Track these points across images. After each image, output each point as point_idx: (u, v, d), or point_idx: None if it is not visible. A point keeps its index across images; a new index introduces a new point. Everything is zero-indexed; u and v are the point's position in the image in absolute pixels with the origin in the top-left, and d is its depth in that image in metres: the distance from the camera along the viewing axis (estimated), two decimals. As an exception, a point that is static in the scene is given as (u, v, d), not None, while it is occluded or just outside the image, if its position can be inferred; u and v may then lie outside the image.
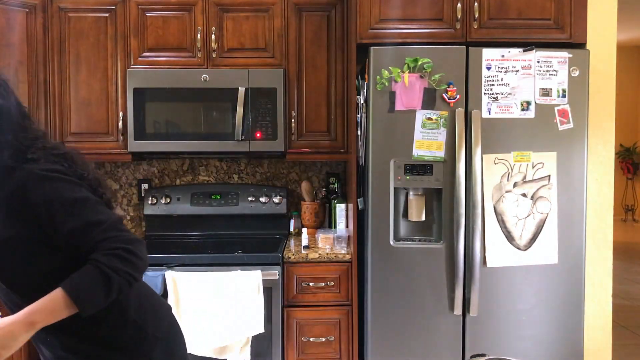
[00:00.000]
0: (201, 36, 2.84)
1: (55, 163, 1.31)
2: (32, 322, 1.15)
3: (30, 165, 1.27)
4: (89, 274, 1.20)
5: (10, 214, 1.26)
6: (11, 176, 1.26)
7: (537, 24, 2.42)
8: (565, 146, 2.37)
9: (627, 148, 9.82)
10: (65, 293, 1.18)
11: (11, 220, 1.26)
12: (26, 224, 1.25)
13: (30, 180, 1.26)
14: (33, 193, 1.25)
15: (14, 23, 2.78)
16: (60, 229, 1.24)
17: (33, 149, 1.31)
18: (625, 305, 5.04)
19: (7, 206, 1.25)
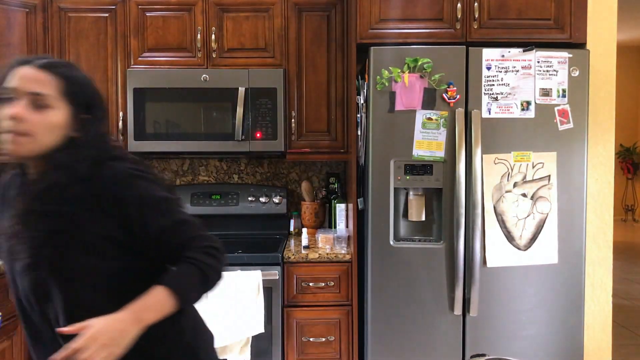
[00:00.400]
0: (201, 36, 2.84)
1: (137, 163, 1.30)
2: (141, 319, 1.13)
3: (117, 163, 1.26)
4: (189, 271, 1.21)
5: (95, 209, 1.22)
6: (98, 172, 1.23)
7: (537, 24, 2.42)
8: (565, 146, 2.37)
9: (627, 148, 9.82)
10: (170, 290, 1.17)
11: (95, 215, 1.22)
12: (108, 221, 1.22)
13: (121, 177, 1.24)
14: (125, 190, 1.23)
15: (14, 23, 2.78)
16: (150, 227, 1.23)
17: (117, 148, 1.31)
18: (625, 305, 5.03)
19: (94, 201, 1.22)
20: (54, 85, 1.22)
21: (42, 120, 1.20)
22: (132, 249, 1.25)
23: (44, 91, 1.21)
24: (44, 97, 1.20)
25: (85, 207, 1.21)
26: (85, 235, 1.21)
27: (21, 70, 1.22)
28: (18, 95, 1.20)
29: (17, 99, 1.20)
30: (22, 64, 1.23)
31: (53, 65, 1.24)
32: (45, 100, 1.20)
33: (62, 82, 1.23)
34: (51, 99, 1.21)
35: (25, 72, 1.21)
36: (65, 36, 2.87)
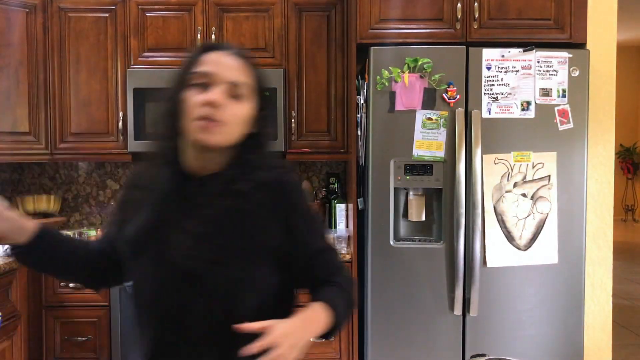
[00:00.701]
0: (201, 36, 2.84)
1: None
2: (309, 330, 1.05)
3: (285, 172, 1.20)
4: (342, 297, 1.14)
5: (271, 216, 1.14)
6: (277, 176, 1.17)
7: (537, 24, 2.42)
8: (565, 146, 2.37)
9: (627, 148, 9.82)
10: (331, 310, 1.08)
11: (271, 222, 1.14)
12: (279, 230, 1.14)
13: (296, 186, 1.19)
14: (300, 201, 1.18)
15: (14, 23, 2.78)
16: (311, 245, 1.17)
17: (278, 158, 1.27)
18: (625, 305, 5.04)
19: (272, 207, 1.14)
20: (248, 76, 1.15)
21: (236, 111, 1.12)
22: (286, 263, 1.17)
23: (242, 81, 1.13)
24: (242, 87, 1.13)
25: (265, 212, 1.14)
26: (263, 241, 1.14)
27: (218, 56, 1.14)
28: (216, 81, 1.11)
29: (214, 85, 1.11)
30: (215, 49, 1.15)
31: (246, 56, 1.18)
32: (241, 91, 1.13)
33: (254, 74, 1.17)
34: (246, 90, 1.14)
35: (225, 59, 1.14)
36: (65, 36, 2.87)
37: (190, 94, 1.10)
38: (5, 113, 2.77)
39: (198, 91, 1.10)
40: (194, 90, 1.10)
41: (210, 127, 1.08)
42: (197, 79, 1.11)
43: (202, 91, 1.10)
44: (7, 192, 3.20)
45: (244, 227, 1.12)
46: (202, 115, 1.08)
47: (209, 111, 1.08)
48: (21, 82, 2.80)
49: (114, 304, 2.55)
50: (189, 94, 1.11)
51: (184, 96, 1.11)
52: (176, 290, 1.11)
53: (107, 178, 3.25)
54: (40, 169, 3.23)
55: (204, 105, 1.08)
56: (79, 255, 1.26)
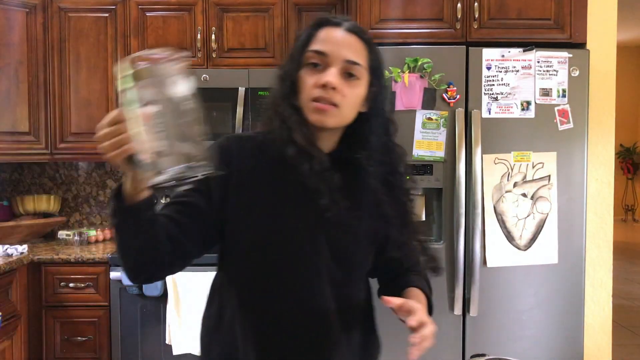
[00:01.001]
0: (201, 36, 2.84)
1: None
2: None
3: (399, 157, 1.21)
4: (430, 290, 1.23)
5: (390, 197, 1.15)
6: (391, 162, 1.17)
7: (537, 24, 2.42)
8: (565, 146, 2.37)
9: (627, 148, 9.82)
10: (427, 299, 1.19)
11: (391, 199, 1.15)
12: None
13: (406, 174, 1.20)
14: (408, 182, 1.19)
15: (14, 23, 2.79)
16: (407, 229, 1.17)
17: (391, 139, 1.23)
18: (625, 305, 5.04)
19: (390, 188, 1.15)
20: (364, 55, 1.10)
21: (351, 91, 1.08)
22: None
23: (359, 60, 1.08)
24: (358, 68, 1.08)
25: (385, 193, 1.14)
26: (381, 228, 1.15)
27: (334, 32, 1.09)
28: (331, 61, 1.06)
29: (329, 65, 1.06)
30: (331, 25, 1.10)
31: (362, 31, 1.12)
32: (357, 71, 1.08)
33: (369, 51, 1.11)
34: (362, 70, 1.09)
35: (341, 36, 1.08)
36: (65, 36, 2.87)
37: (306, 73, 1.08)
38: (5, 113, 2.77)
39: (313, 71, 1.07)
40: (309, 70, 1.08)
41: (325, 109, 1.05)
42: (312, 58, 1.07)
43: (317, 71, 1.07)
44: (7, 192, 3.20)
45: (377, 212, 1.13)
46: (317, 97, 1.05)
47: (324, 93, 1.05)
48: (21, 82, 2.80)
49: (114, 304, 2.55)
50: (304, 73, 1.08)
51: (299, 74, 1.08)
52: (330, 286, 1.12)
53: (107, 178, 3.25)
54: (40, 169, 3.23)
55: (319, 87, 1.05)
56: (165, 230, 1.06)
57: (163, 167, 0.83)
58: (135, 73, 0.83)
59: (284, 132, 1.07)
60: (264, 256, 1.11)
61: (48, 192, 3.22)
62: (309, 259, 1.10)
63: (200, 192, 1.08)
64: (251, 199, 1.10)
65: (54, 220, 3.06)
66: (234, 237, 1.12)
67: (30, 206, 3.06)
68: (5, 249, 2.49)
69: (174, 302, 2.45)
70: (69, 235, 2.87)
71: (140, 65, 0.83)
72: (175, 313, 2.45)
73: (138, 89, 0.83)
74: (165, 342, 2.48)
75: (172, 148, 0.83)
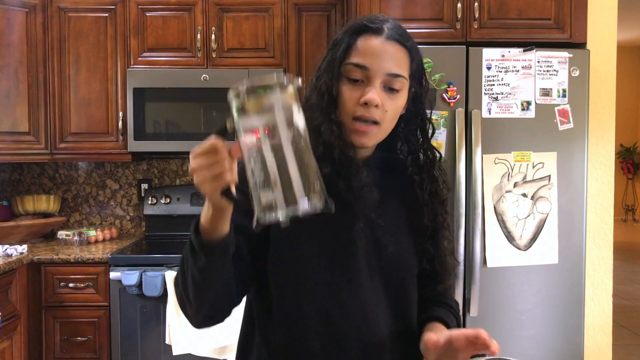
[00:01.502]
0: (201, 36, 2.84)
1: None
2: None
3: (434, 160, 1.14)
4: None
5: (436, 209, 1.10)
6: (428, 169, 1.12)
7: (537, 23, 2.42)
8: (565, 146, 2.37)
9: (628, 148, 9.82)
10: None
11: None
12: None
13: (442, 179, 1.14)
14: (444, 193, 1.13)
15: (14, 23, 2.78)
16: (441, 241, 1.11)
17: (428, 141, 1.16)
18: (625, 305, 5.03)
19: (432, 195, 1.10)
20: (406, 63, 1.03)
21: (393, 104, 1.01)
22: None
23: (401, 71, 1.01)
24: (400, 80, 1.01)
25: (424, 201, 1.10)
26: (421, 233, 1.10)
27: (375, 42, 1.01)
28: (372, 75, 1.00)
29: (370, 79, 1.00)
30: (371, 33, 1.02)
31: (403, 36, 1.03)
32: (399, 83, 1.01)
33: (411, 58, 1.04)
34: (404, 81, 1.02)
35: (381, 47, 1.00)
36: (65, 36, 2.87)
37: (346, 87, 1.01)
38: (5, 113, 2.77)
39: (354, 86, 1.01)
40: (349, 84, 1.01)
41: (367, 131, 1.00)
42: (352, 72, 1.00)
43: (357, 86, 1.00)
44: (7, 192, 3.20)
45: (417, 222, 1.09)
46: (358, 116, 1.00)
47: (365, 111, 0.99)
48: (21, 82, 2.80)
49: (114, 304, 2.55)
50: (345, 87, 1.01)
51: (339, 88, 1.02)
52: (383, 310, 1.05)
53: (106, 178, 3.25)
54: (40, 168, 3.23)
55: (360, 105, 0.99)
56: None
57: (271, 202, 0.74)
58: (248, 100, 0.78)
59: (318, 147, 1.00)
60: (307, 282, 1.02)
61: (48, 192, 3.22)
62: (356, 279, 1.02)
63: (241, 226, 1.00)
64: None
65: (54, 220, 3.06)
66: (275, 265, 1.03)
67: (30, 206, 3.06)
68: (5, 249, 2.49)
69: (174, 302, 2.45)
70: (69, 235, 2.87)
71: (252, 92, 0.78)
72: (175, 313, 2.45)
73: (249, 117, 0.77)
74: (165, 342, 2.48)
75: (283, 182, 0.75)
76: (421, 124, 1.11)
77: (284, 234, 0.95)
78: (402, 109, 1.06)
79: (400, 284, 1.07)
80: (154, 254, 2.66)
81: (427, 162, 1.11)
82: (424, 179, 1.10)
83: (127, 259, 2.55)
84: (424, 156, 1.11)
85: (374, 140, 1.03)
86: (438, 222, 1.10)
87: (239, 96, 0.79)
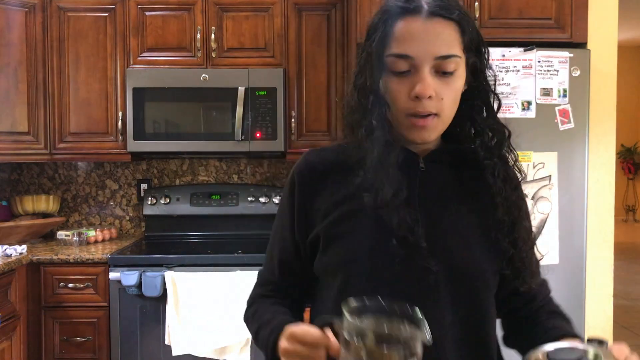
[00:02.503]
0: (201, 36, 2.84)
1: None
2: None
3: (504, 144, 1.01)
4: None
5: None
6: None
7: (538, 23, 2.41)
8: (566, 146, 2.36)
9: (628, 148, 9.82)
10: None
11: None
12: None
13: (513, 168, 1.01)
14: (517, 178, 1.01)
15: (13, 23, 2.78)
16: (523, 238, 0.96)
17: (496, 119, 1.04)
18: (625, 306, 5.03)
19: (507, 183, 0.97)
20: (457, 38, 0.89)
21: (450, 90, 0.90)
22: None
23: (453, 50, 0.89)
24: (453, 60, 0.89)
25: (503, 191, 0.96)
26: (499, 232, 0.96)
27: (415, 24, 0.87)
28: (419, 63, 0.87)
29: (418, 68, 0.88)
30: (409, 14, 0.88)
31: (447, 8, 0.89)
32: (453, 64, 0.89)
33: (462, 30, 0.90)
34: (458, 60, 0.90)
35: (423, 28, 0.87)
36: (64, 36, 2.86)
37: (392, 81, 0.89)
38: (4, 113, 2.76)
39: (401, 79, 0.89)
40: (395, 78, 0.89)
41: (425, 125, 0.89)
42: (396, 64, 0.88)
43: (405, 78, 0.88)
44: (6, 192, 3.20)
45: (494, 217, 0.95)
46: (412, 112, 0.89)
47: (419, 106, 0.88)
48: (20, 82, 2.80)
49: (113, 305, 2.54)
50: (391, 82, 0.89)
51: (384, 83, 0.90)
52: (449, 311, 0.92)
53: (106, 178, 3.25)
54: (39, 168, 3.23)
55: (414, 99, 0.88)
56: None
57: None
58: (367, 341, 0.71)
59: (356, 153, 0.93)
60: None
61: (47, 192, 3.21)
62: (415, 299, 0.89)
63: (293, 250, 1.02)
64: (340, 229, 0.95)
65: (53, 221, 3.05)
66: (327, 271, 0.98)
67: (29, 206, 3.05)
68: (4, 249, 2.49)
69: (173, 303, 2.44)
70: (68, 235, 2.87)
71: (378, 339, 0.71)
72: (174, 313, 2.45)
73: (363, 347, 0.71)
74: (164, 342, 2.47)
75: None
76: (485, 99, 0.99)
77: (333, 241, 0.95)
78: (463, 87, 0.94)
79: (471, 296, 0.92)
80: (154, 254, 2.66)
81: (496, 143, 0.98)
82: (496, 164, 0.96)
83: (126, 259, 2.54)
84: (492, 135, 0.98)
85: (435, 132, 0.92)
86: (514, 213, 0.95)
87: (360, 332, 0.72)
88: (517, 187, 0.99)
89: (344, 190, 0.95)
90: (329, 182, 0.98)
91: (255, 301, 1.08)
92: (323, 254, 0.96)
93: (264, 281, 1.09)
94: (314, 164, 1.00)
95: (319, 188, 0.98)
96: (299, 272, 1.03)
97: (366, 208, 0.91)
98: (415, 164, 0.97)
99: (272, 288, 1.07)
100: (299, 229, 1.00)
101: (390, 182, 0.90)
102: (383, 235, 0.90)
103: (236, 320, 2.44)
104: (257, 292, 1.10)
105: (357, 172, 0.93)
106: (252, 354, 2.48)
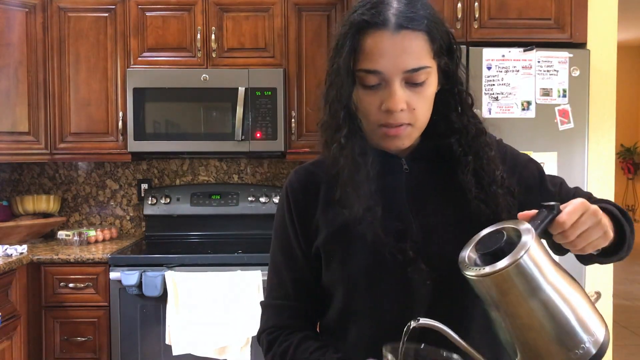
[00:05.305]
0: (201, 36, 2.84)
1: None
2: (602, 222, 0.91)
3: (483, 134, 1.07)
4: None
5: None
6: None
7: (538, 23, 2.42)
8: (565, 146, 2.37)
9: (628, 148, 9.81)
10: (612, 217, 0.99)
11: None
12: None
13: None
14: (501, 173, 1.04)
15: (14, 23, 2.78)
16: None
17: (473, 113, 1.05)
18: (625, 306, 5.03)
19: (486, 178, 0.98)
20: (426, 47, 0.88)
21: (421, 99, 0.90)
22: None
23: (422, 62, 0.88)
24: (423, 72, 0.88)
25: (478, 188, 0.98)
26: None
27: (382, 38, 0.86)
28: (389, 77, 0.87)
29: (388, 82, 0.87)
30: (376, 29, 0.86)
31: (413, 19, 0.87)
32: (423, 75, 0.88)
33: (430, 37, 0.89)
34: (428, 69, 0.89)
35: (391, 43, 0.86)
36: (65, 36, 2.86)
37: (363, 94, 0.90)
38: (5, 113, 2.77)
39: (372, 92, 0.89)
40: (366, 91, 0.90)
41: (397, 134, 0.90)
42: (366, 79, 0.88)
43: (375, 91, 0.89)
44: (7, 192, 3.20)
45: (469, 214, 0.95)
46: (383, 123, 0.90)
47: (390, 118, 0.89)
48: (21, 82, 2.80)
49: (114, 305, 2.54)
50: (362, 94, 0.90)
51: (354, 96, 0.91)
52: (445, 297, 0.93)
53: (106, 178, 3.25)
54: (39, 168, 3.23)
55: (386, 112, 0.88)
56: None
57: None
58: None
59: (332, 169, 0.94)
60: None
61: (47, 192, 3.21)
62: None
63: (304, 263, 1.01)
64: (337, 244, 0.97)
65: (54, 221, 3.05)
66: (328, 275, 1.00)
67: (29, 206, 3.06)
68: (5, 249, 2.49)
69: (174, 302, 2.45)
70: (69, 235, 2.87)
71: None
72: (175, 313, 2.45)
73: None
74: (165, 342, 2.48)
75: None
76: (458, 98, 0.99)
77: (333, 248, 0.97)
78: (436, 89, 0.95)
79: (451, 286, 0.92)
80: (154, 254, 2.66)
81: (472, 139, 1.00)
82: (469, 161, 0.97)
83: (127, 259, 2.55)
84: (467, 132, 0.99)
85: (409, 140, 0.93)
86: (491, 207, 0.95)
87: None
88: (499, 182, 0.99)
89: (333, 205, 0.97)
90: (320, 197, 1.00)
91: (277, 338, 1.03)
92: (326, 270, 0.99)
93: (278, 310, 1.05)
94: (304, 181, 1.03)
95: (311, 204, 1.00)
96: (314, 289, 1.02)
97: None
98: (399, 167, 0.98)
99: (289, 315, 1.03)
100: (304, 240, 1.01)
101: (360, 199, 0.91)
102: (377, 248, 0.92)
103: (236, 319, 2.44)
104: (273, 324, 1.05)
105: (335, 189, 0.95)
106: (252, 354, 2.48)
